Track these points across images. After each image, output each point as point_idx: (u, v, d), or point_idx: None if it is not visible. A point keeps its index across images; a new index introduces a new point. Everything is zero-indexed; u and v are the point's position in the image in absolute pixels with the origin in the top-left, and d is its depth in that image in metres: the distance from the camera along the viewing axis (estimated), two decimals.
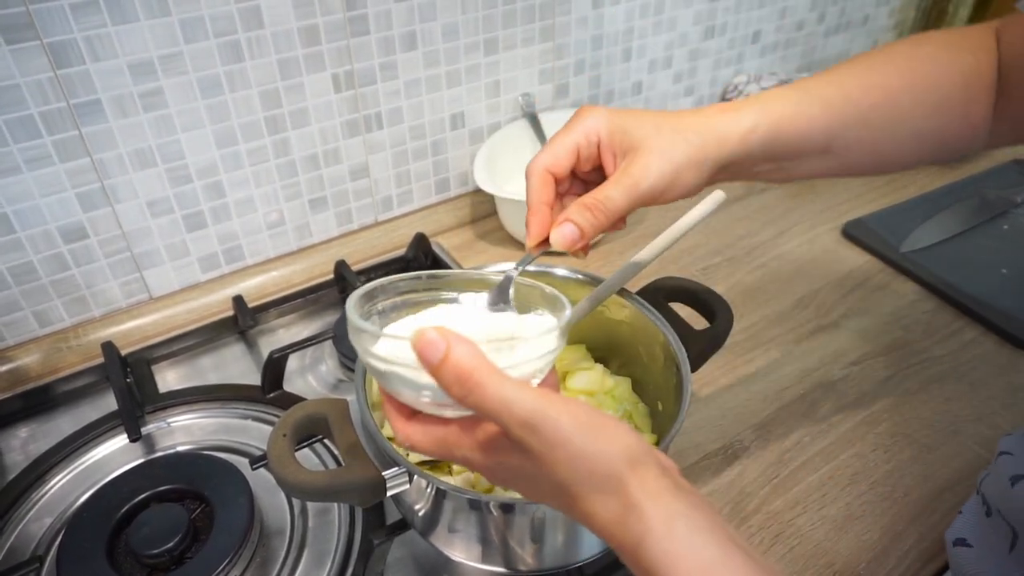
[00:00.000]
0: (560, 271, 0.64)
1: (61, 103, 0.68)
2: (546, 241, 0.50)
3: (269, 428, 0.72)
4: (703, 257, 0.94)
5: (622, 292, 0.62)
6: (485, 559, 0.54)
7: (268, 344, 0.83)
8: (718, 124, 0.49)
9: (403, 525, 0.58)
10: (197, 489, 0.63)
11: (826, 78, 0.51)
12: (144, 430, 0.71)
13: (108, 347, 0.77)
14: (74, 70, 0.67)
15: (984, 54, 0.51)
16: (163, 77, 0.72)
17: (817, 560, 0.60)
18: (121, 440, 0.70)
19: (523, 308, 0.50)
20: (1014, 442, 0.53)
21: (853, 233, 0.97)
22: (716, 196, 0.57)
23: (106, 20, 0.67)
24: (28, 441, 0.73)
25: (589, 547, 0.54)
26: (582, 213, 0.47)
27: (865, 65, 0.51)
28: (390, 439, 0.57)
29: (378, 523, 0.62)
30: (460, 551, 0.55)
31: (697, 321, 0.61)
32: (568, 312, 0.45)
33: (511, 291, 0.50)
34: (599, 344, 0.69)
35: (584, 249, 0.50)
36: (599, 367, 0.67)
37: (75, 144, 0.71)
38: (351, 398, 0.54)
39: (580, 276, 0.64)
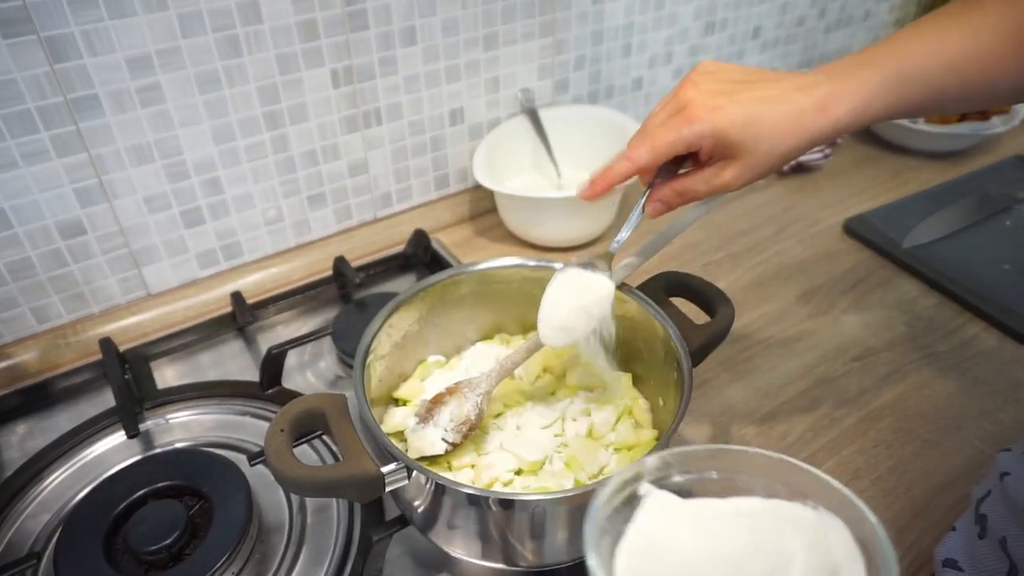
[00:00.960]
0: (560, 266, 0.64)
1: (58, 98, 0.68)
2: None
3: (267, 424, 0.70)
4: (704, 253, 0.94)
5: (622, 286, 0.62)
6: (485, 555, 0.54)
7: (266, 341, 0.83)
8: (813, 128, 0.49)
9: (402, 521, 0.58)
10: (195, 486, 0.63)
11: (916, 50, 0.49)
12: (142, 427, 0.70)
13: (106, 343, 0.76)
14: (71, 64, 0.67)
15: None
16: (161, 72, 0.72)
17: None
18: (119, 437, 0.70)
19: None
20: (1014, 462, 0.52)
21: (855, 229, 0.96)
22: None
23: (104, 14, 0.66)
24: (26, 438, 0.72)
25: None
26: (672, 198, 0.54)
27: (958, 30, 0.49)
28: (389, 435, 0.57)
29: (377, 519, 0.61)
30: (459, 547, 0.54)
31: (697, 316, 0.61)
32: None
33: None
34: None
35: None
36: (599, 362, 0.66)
37: (73, 139, 0.70)
38: (349, 393, 0.54)
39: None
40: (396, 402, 0.66)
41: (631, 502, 0.37)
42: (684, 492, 0.38)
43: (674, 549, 0.36)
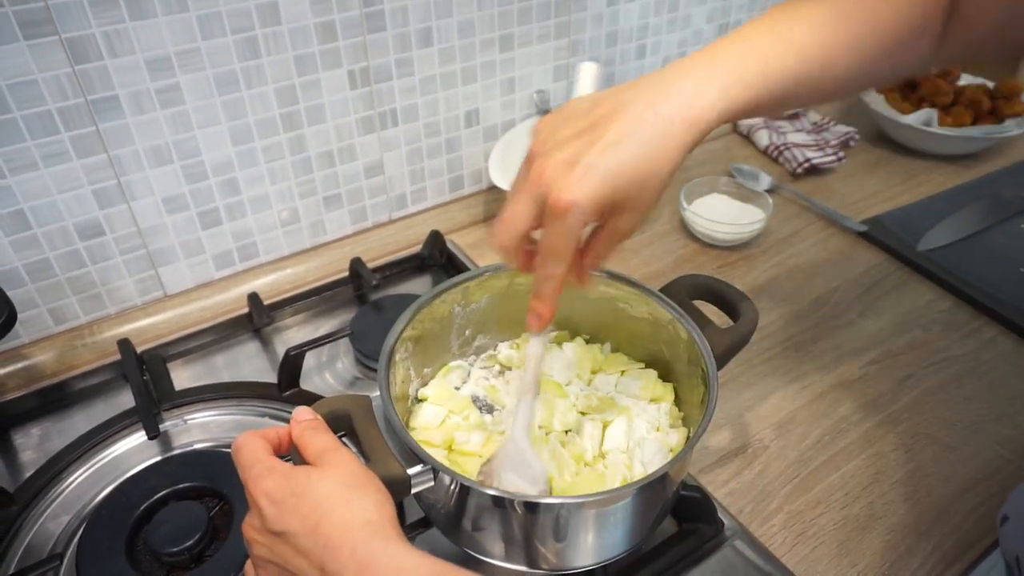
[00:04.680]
0: None
1: (79, 99, 0.68)
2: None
3: (286, 426, 0.71)
4: (719, 255, 0.94)
5: (645, 290, 0.62)
6: (507, 558, 0.54)
7: (282, 342, 0.83)
8: (684, 143, 0.45)
9: (425, 523, 0.58)
10: (215, 487, 0.63)
11: (773, 43, 0.47)
12: (161, 427, 0.70)
13: (124, 344, 0.76)
14: (92, 65, 0.67)
15: None
16: (180, 73, 0.72)
17: (840, 560, 0.60)
18: (138, 437, 0.70)
19: None
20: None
21: (870, 232, 0.96)
22: None
23: (124, 15, 0.66)
24: (43, 439, 0.72)
25: (613, 546, 0.54)
26: (585, 271, 0.50)
27: (812, 21, 0.48)
28: (420, 442, 0.56)
29: (399, 522, 0.61)
30: (482, 549, 0.54)
31: (716, 317, 0.61)
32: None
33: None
34: (622, 343, 0.68)
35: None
36: (651, 371, 0.66)
37: (92, 140, 0.70)
38: (373, 395, 0.54)
39: (602, 274, 0.64)
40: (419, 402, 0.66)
41: None
42: None
43: None
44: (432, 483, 0.50)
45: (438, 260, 0.93)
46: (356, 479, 0.43)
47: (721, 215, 0.95)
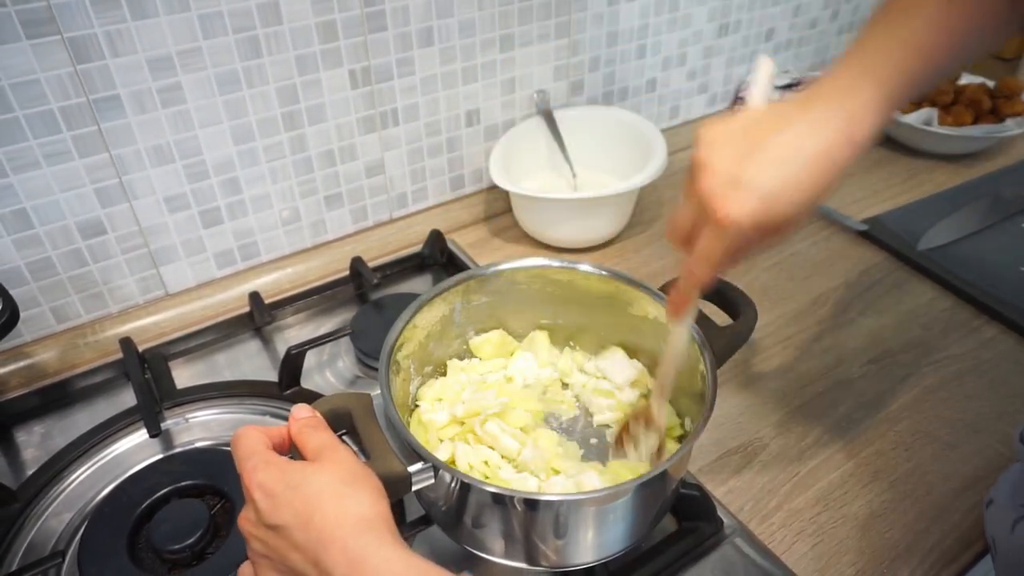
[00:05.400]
0: (584, 267, 0.64)
1: (81, 98, 0.68)
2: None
3: (284, 424, 0.71)
4: None
5: (645, 289, 0.62)
6: (508, 555, 0.54)
7: (283, 341, 0.83)
8: (841, 163, 0.46)
9: (425, 521, 0.58)
10: (217, 485, 0.63)
11: (902, 52, 0.48)
12: (163, 426, 0.70)
13: (126, 343, 0.77)
14: (94, 65, 0.67)
15: None
16: (181, 73, 0.72)
17: (840, 558, 0.60)
18: (140, 436, 0.70)
19: None
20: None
21: (869, 231, 0.96)
22: None
23: (126, 15, 0.67)
24: (45, 437, 0.72)
25: (612, 544, 0.54)
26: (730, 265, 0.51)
27: (922, 21, 0.49)
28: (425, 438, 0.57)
29: (399, 519, 0.61)
30: (483, 547, 0.55)
31: (715, 316, 0.61)
32: None
33: None
34: (623, 341, 0.69)
35: None
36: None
37: (94, 139, 0.71)
38: (374, 393, 0.54)
39: (603, 272, 0.64)
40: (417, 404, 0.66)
41: None
42: None
43: None
44: (432, 480, 0.50)
45: (439, 259, 0.93)
46: (352, 475, 0.43)
47: None
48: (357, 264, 0.87)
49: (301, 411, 0.49)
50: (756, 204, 0.45)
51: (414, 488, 0.49)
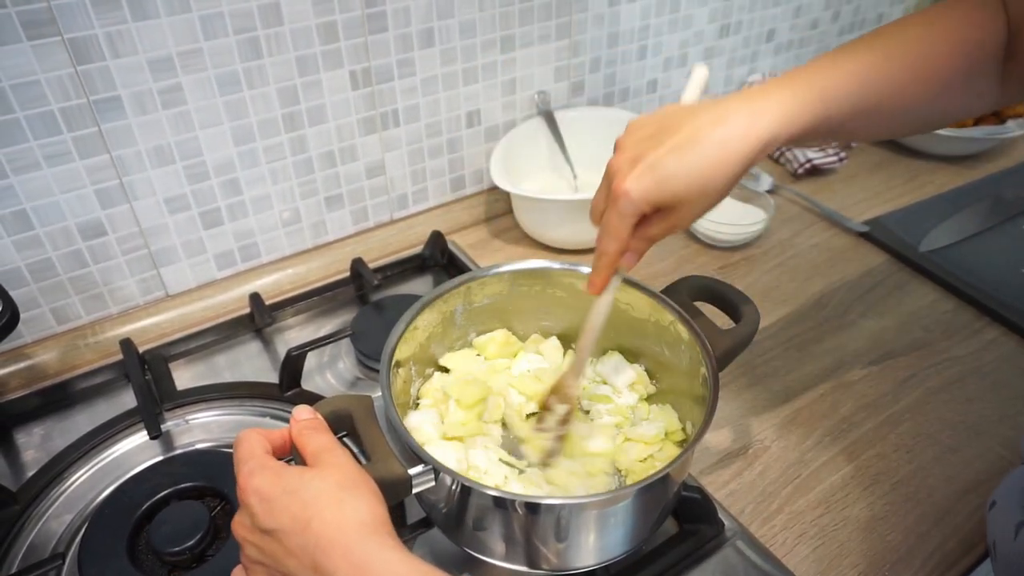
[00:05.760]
0: (585, 269, 0.64)
1: (81, 99, 0.68)
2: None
3: (286, 426, 0.71)
4: (721, 256, 0.94)
5: (647, 291, 0.62)
6: (508, 558, 0.54)
7: (283, 342, 0.83)
8: (740, 154, 0.48)
9: (426, 523, 0.58)
10: (217, 487, 0.63)
11: (833, 72, 0.50)
12: (163, 427, 0.70)
13: (127, 344, 0.77)
14: (94, 66, 0.67)
15: (991, 24, 0.52)
16: (182, 74, 0.72)
17: (841, 561, 0.60)
18: (140, 437, 0.70)
19: None
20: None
21: (871, 232, 0.96)
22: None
23: (127, 16, 0.67)
24: (45, 439, 0.72)
25: (614, 547, 0.54)
26: (641, 246, 0.53)
27: (872, 55, 0.51)
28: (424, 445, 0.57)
29: (400, 521, 0.61)
30: (484, 550, 0.54)
31: (716, 318, 0.61)
32: None
33: None
34: (624, 344, 0.68)
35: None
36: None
37: (94, 140, 0.71)
38: (375, 395, 0.54)
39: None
40: (416, 405, 0.66)
41: None
42: None
43: None
44: (433, 483, 0.50)
45: (439, 260, 0.93)
46: (350, 479, 0.43)
47: (722, 216, 0.95)
48: (358, 265, 0.87)
49: (302, 412, 0.49)
50: (650, 181, 0.48)
51: (415, 490, 0.49)
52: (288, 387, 0.74)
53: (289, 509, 0.41)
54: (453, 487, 0.50)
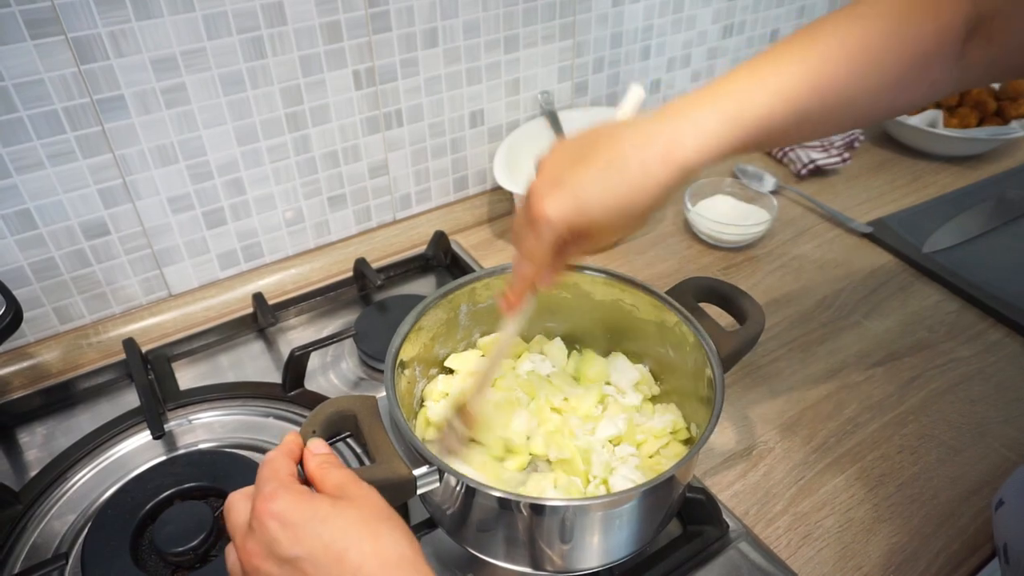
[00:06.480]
0: (589, 270, 0.64)
1: (84, 99, 0.68)
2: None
3: (290, 426, 0.71)
4: (724, 256, 0.94)
5: (651, 292, 0.62)
6: (512, 559, 0.54)
7: (286, 342, 0.83)
8: (659, 180, 0.47)
9: (430, 524, 0.58)
10: (220, 486, 0.63)
11: (762, 89, 0.48)
12: (166, 427, 0.70)
13: (130, 344, 0.76)
14: (98, 65, 0.67)
15: (947, 12, 0.49)
16: (186, 73, 0.72)
17: (846, 563, 0.60)
18: (143, 437, 0.70)
19: None
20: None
21: (875, 233, 0.96)
22: None
23: (130, 15, 0.67)
24: (48, 438, 0.72)
25: (618, 548, 0.54)
26: (558, 270, 0.53)
27: (815, 56, 0.48)
28: (424, 441, 0.56)
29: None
30: (488, 551, 0.54)
31: (721, 319, 0.61)
32: None
33: None
34: (628, 346, 0.68)
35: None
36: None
37: (98, 140, 0.70)
38: (379, 395, 0.54)
39: (608, 275, 0.64)
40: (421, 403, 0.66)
41: None
42: None
43: None
44: (438, 484, 0.50)
45: (442, 261, 0.93)
46: (383, 512, 0.42)
47: (726, 216, 0.95)
48: (361, 265, 0.87)
49: (319, 447, 0.47)
50: (568, 205, 0.47)
51: (419, 491, 0.49)
52: (291, 387, 0.74)
53: (320, 537, 0.39)
54: (458, 488, 0.50)
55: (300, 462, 0.46)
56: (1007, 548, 0.51)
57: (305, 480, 0.45)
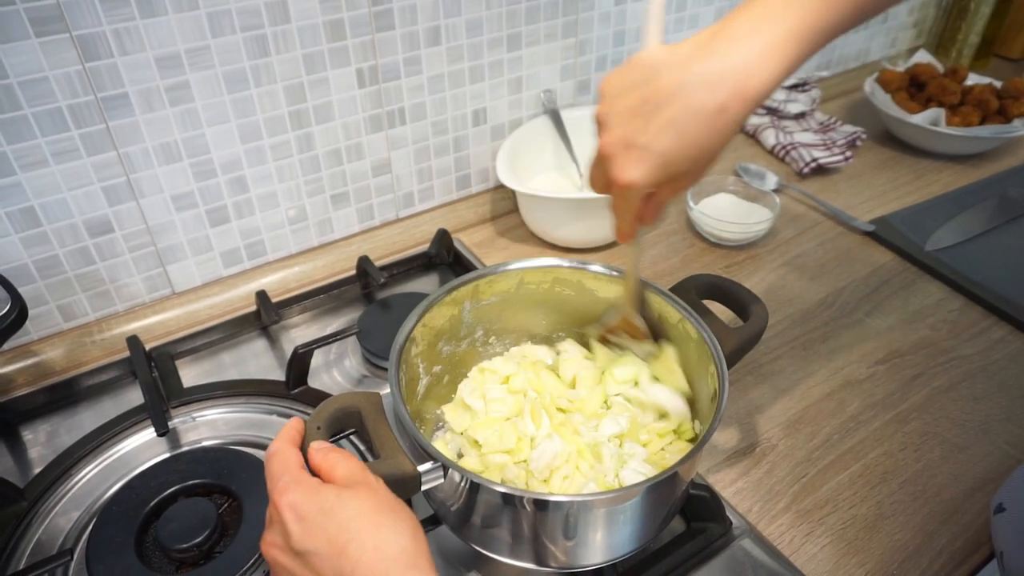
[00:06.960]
0: (594, 267, 0.64)
1: (89, 96, 0.68)
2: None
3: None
4: (726, 255, 0.94)
5: (655, 289, 0.62)
6: (516, 555, 0.54)
7: (289, 340, 0.83)
8: (734, 120, 0.45)
9: (434, 521, 0.58)
10: (224, 484, 0.63)
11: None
12: (170, 424, 0.70)
13: (133, 341, 0.77)
14: (102, 63, 0.67)
15: None
16: (190, 71, 0.72)
17: (849, 559, 0.60)
18: (147, 434, 0.70)
19: None
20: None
21: (877, 231, 0.96)
22: None
23: (135, 13, 0.67)
24: (52, 436, 0.72)
25: (621, 545, 0.54)
26: (654, 213, 0.54)
27: None
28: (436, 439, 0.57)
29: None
30: (492, 547, 0.54)
31: (725, 316, 0.61)
32: None
33: None
34: None
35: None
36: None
37: (102, 137, 0.71)
38: (384, 391, 0.54)
39: (614, 272, 0.64)
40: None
41: None
42: None
43: None
44: (442, 480, 0.50)
45: (445, 259, 0.93)
46: (388, 503, 0.41)
47: (728, 214, 0.95)
48: (364, 263, 0.87)
49: (321, 444, 0.46)
50: (650, 168, 0.47)
51: (423, 488, 0.49)
52: (294, 385, 0.74)
53: (325, 530, 0.39)
54: (462, 484, 0.50)
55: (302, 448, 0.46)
56: (1004, 556, 0.50)
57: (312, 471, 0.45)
